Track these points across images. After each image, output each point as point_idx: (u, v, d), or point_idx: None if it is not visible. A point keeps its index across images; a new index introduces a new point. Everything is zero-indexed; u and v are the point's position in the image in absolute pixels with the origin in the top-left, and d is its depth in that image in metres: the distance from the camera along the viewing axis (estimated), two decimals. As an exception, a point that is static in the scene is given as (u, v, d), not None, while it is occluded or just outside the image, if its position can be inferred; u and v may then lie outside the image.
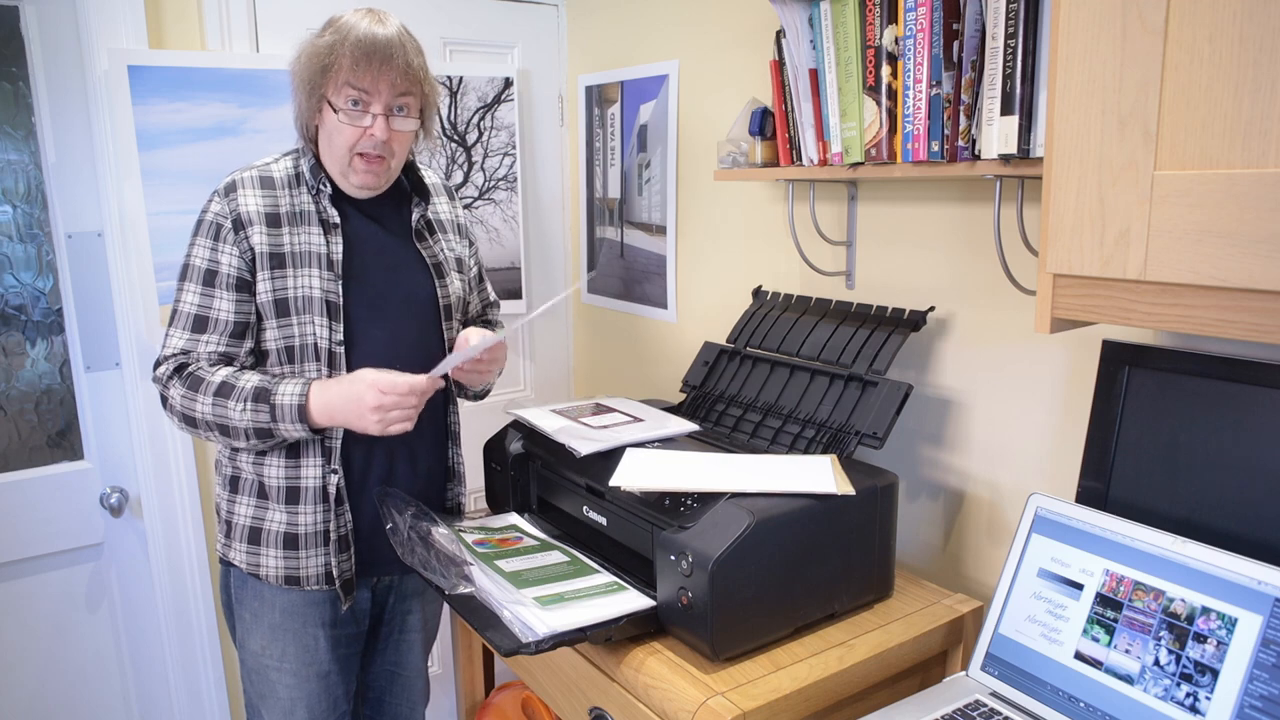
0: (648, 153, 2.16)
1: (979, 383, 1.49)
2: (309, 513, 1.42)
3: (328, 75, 1.33)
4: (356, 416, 1.32)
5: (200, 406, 1.33)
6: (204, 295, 1.36)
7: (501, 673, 1.95)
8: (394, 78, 1.34)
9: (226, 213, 1.36)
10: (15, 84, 1.80)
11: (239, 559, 1.45)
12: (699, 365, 1.78)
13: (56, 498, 1.90)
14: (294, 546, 1.42)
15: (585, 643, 1.24)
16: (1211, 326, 0.85)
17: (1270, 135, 0.78)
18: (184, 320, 1.37)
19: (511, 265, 2.36)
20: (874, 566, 1.36)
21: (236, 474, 1.45)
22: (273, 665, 1.48)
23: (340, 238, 1.41)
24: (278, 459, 1.41)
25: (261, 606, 1.46)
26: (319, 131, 1.40)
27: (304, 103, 1.38)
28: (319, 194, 1.41)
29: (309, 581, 1.44)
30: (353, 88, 1.33)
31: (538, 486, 1.65)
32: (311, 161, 1.42)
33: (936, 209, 1.51)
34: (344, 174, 1.40)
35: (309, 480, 1.41)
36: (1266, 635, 0.95)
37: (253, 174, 1.39)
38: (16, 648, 1.91)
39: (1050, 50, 0.94)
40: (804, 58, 1.47)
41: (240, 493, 1.45)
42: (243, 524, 1.44)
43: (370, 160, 1.38)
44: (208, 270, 1.36)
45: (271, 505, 1.43)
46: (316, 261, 1.38)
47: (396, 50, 1.34)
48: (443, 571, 1.34)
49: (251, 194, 1.37)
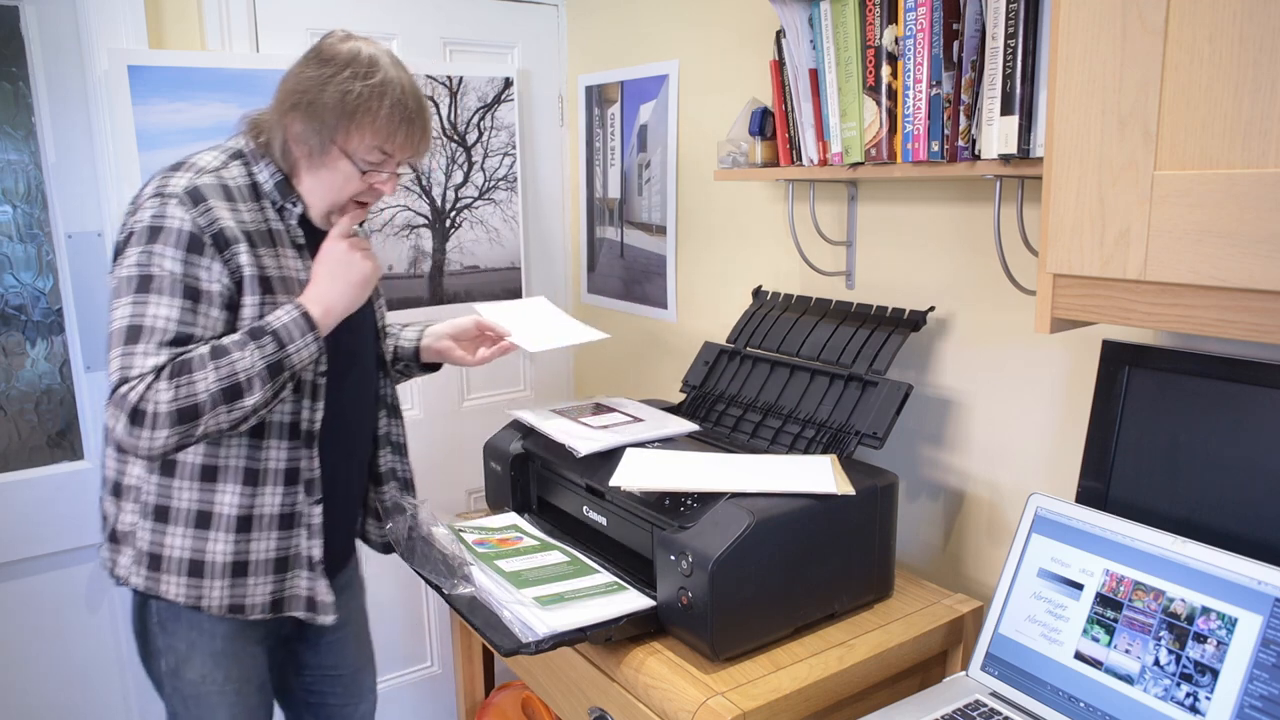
0: (648, 153, 2.16)
1: (979, 383, 1.49)
2: (263, 539, 1.33)
3: (357, 128, 1.25)
4: (345, 268, 1.28)
5: (202, 383, 1.17)
6: (185, 310, 1.20)
7: (501, 673, 1.95)
8: (427, 142, 1.32)
9: (202, 225, 1.21)
10: (15, 84, 1.80)
11: (174, 593, 1.32)
12: (699, 365, 1.78)
13: (56, 498, 1.90)
14: (243, 574, 1.33)
15: (585, 643, 1.24)
16: (1211, 326, 0.85)
17: (1270, 135, 0.78)
18: (159, 335, 1.19)
19: (511, 265, 2.36)
20: (874, 566, 1.36)
21: (164, 503, 1.31)
22: (215, 690, 1.39)
23: (310, 260, 1.33)
24: (232, 484, 1.30)
25: (200, 636, 1.37)
26: (304, 164, 1.30)
27: (299, 132, 1.26)
28: (284, 211, 1.32)
29: (254, 610, 1.35)
30: (382, 151, 1.28)
31: (538, 486, 1.65)
32: (277, 175, 1.31)
33: (936, 209, 1.51)
34: (329, 213, 1.34)
35: (266, 508, 1.32)
36: (1266, 635, 0.95)
37: (212, 181, 1.25)
38: (16, 648, 1.91)
39: (1050, 50, 0.94)
40: (804, 58, 1.47)
41: (172, 523, 1.31)
42: (179, 556, 1.31)
43: (363, 207, 1.35)
44: (185, 284, 1.20)
45: (214, 535, 1.31)
46: (299, 288, 1.31)
47: (428, 114, 1.31)
48: (443, 571, 1.34)
49: (223, 206, 1.24)
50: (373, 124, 1.25)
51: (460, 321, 1.60)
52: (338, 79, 1.24)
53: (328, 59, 1.26)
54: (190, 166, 1.27)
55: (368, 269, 1.29)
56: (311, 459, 1.35)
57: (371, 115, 1.24)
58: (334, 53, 1.26)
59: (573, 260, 2.50)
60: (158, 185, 1.25)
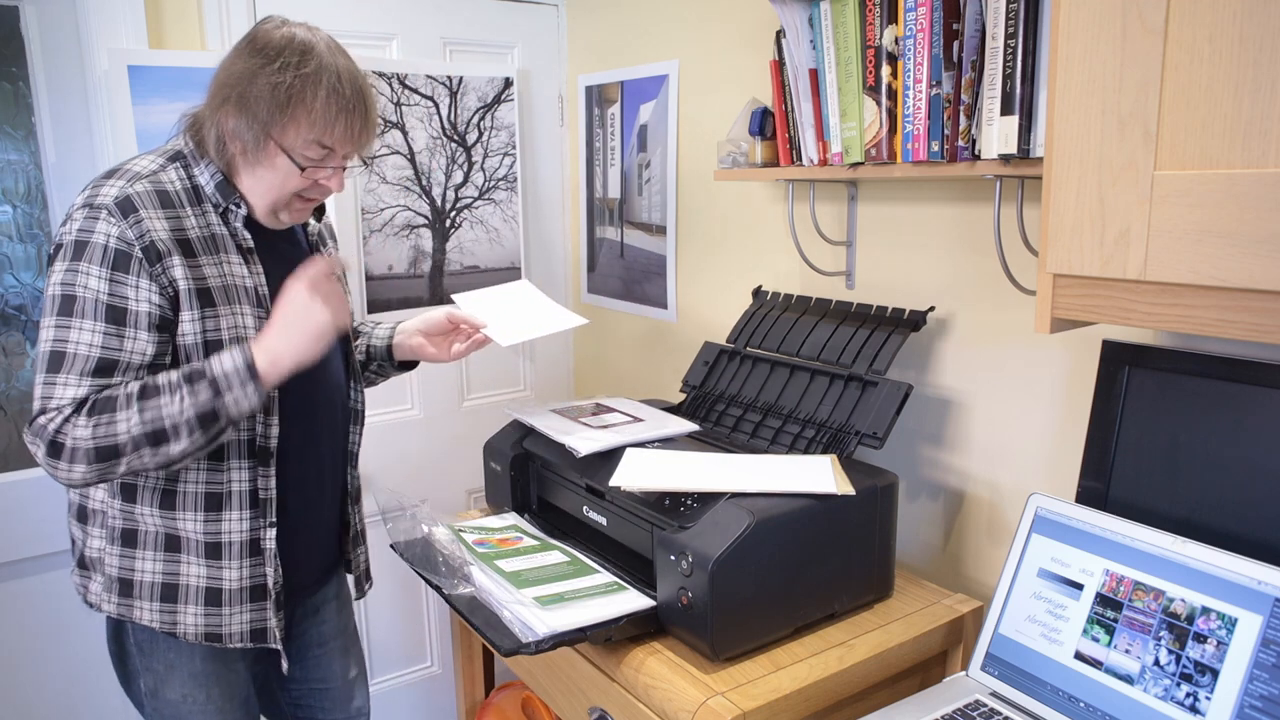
0: (648, 153, 2.16)
1: (979, 383, 1.49)
2: (233, 568, 1.28)
3: (289, 121, 1.17)
4: (303, 316, 1.16)
5: (123, 424, 1.11)
6: (109, 334, 1.14)
7: (501, 673, 1.95)
8: (369, 133, 1.23)
9: (131, 239, 1.13)
10: (15, 84, 1.80)
11: (148, 618, 1.28)
12: (699, 365, 1.78)
13: (56, 498, 1.90)
14: (217, 603, 1.28)
15: (585, 643, 1.24)
16: (1211, 326, 0.85)
17: (1270, 135, 0.78)
18: (80, 364, 1.13)
19: (511, 265, 2.36)
20: (874, 566, 1.36)
21: (131, 527, 1.26)
22: (197, 710, 1.36)
23: (259, 265, 1.26)
24: (194, 511, 1.25)
25: (179, 658, 1.32)
26: (240, 161, 1.23)
27: (233, 128, 1.19)
28: (228, 214, 1.24)
29: (232, 639, 1.30)
30: (321, 145, 1.20)
31: (538, 486, 1.65)
32: (218, 176, 1.23)
33: (936, 209, 1.51)
34: (274, 211, 1.27)
35: (233, 535, 1.27)
36: (1266, 635, 0.95)
37: (146, 189, 1.17)
38: (16, 648, 1.91)
39: (1050, 50, 0.94)
40: (804, 58, 1.47)
41: (141, 547, 1.26)
42: (150, 581, 1.27)
43: (308, 203, 1.28)
44: (110, 305, 1.13)
45: (186, 559, 1.27)
46: (245, 296, 1.24)
47: (369, 102, 1.22)
48: (443, 571, 1.34)
49: (155, 215, 1.16)
50: (308, 116, 1.17)
51: (430, 315, 1.54)
52: (268, 70, 1.16)
53: (260, 49, 1.18)
54: (124, 174, 1.19)
55: (324, 320, 1.17)
56: (267, 478, 1.29)
57: (305, 108, 1.16)
58: (266, 41, 1.18)
59: (573, 260, 2.50)
60: (88, 195, 1.18)
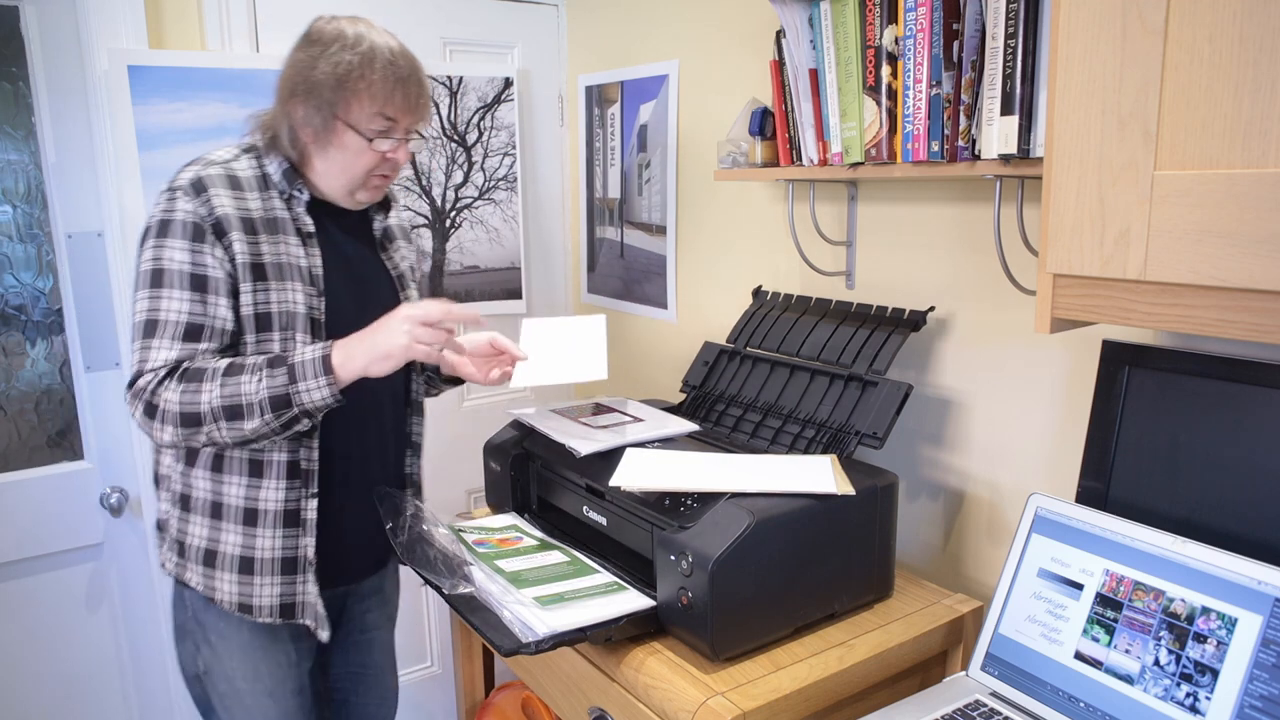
0: (648, 153, 2.16)
1: (979, 383, 1.49)
2: (267, 536, 1.33)
3: (352, 97, 1.26)
4: (385, 332, 1.24)
5: (206, 394, 1.22)
6: (195, 301, 1.25)
7: (501, 673, 1.95)
8: (425, 101, 1.32)
9: (204, 214, 1.25)
10: (15, 84, 1.80)
11: (196, 581, 1.36)
12: (699, 365, 1.78)
13: (56, 498, 1.90)
14: (249, 571, 1.34)
15: (585, 643, 1.24)
16: (1211, 326, 0.85)
17: (1270, 135, 0.78)
18: (172, 329, 1.24)
19: (511, 265, 2.36)
20: (874, 566, 1.36)
21: (187, 492, 1.35)
22: (248, 689, 1.40)
23: (317, 248, 1.34)
24: (238, 476, 1.32)
25: (229, 628, 1.38)
26: (313, 147, 1.32)
27: (302, 116, 1.29)
28: (292, 200, 1.33)
29: (261, 612, 1.35)
30: (385, 116, 1.29)
31: (538, 486, 1.65)
32: (284, 165, 1.33)
33: (936, 209, 1.51)
34: (351, 192, 1.35)
35: (269, 503, 1.33)
36: (1266, 635, 0.95)
37: (218, 171, 1.29)
38: (16, 648, 1.91)
39: (1050, 50, 0.94)
40: (804, 58, 1.47)
41: (193, 511, 1.35)
42: (197, 545, 1.35)
43: (383, 179, 1.36)
44: (194, 275, 1.25)
45: (225, 526, 1.34)
46: (298, 274, 1.31)
47: (422, 74, 1.31)
48: (443, 571, 1.34)
49: (224, 194, 1.27)
50: (368, 89, 1.26)
51: (476, 337, 1.55)
52: (327, 54, 1.26)
53: (315, 40, 1.29)
54: (201, 161, 1.32)
55: (398, 345, 1.24)
56: (311, 449, 1.34)
57: (366, 81, 1.26)
58: (320, 33, 1.29)
59: (573, 260, 2.50)
60: (171, 181, 1.30)
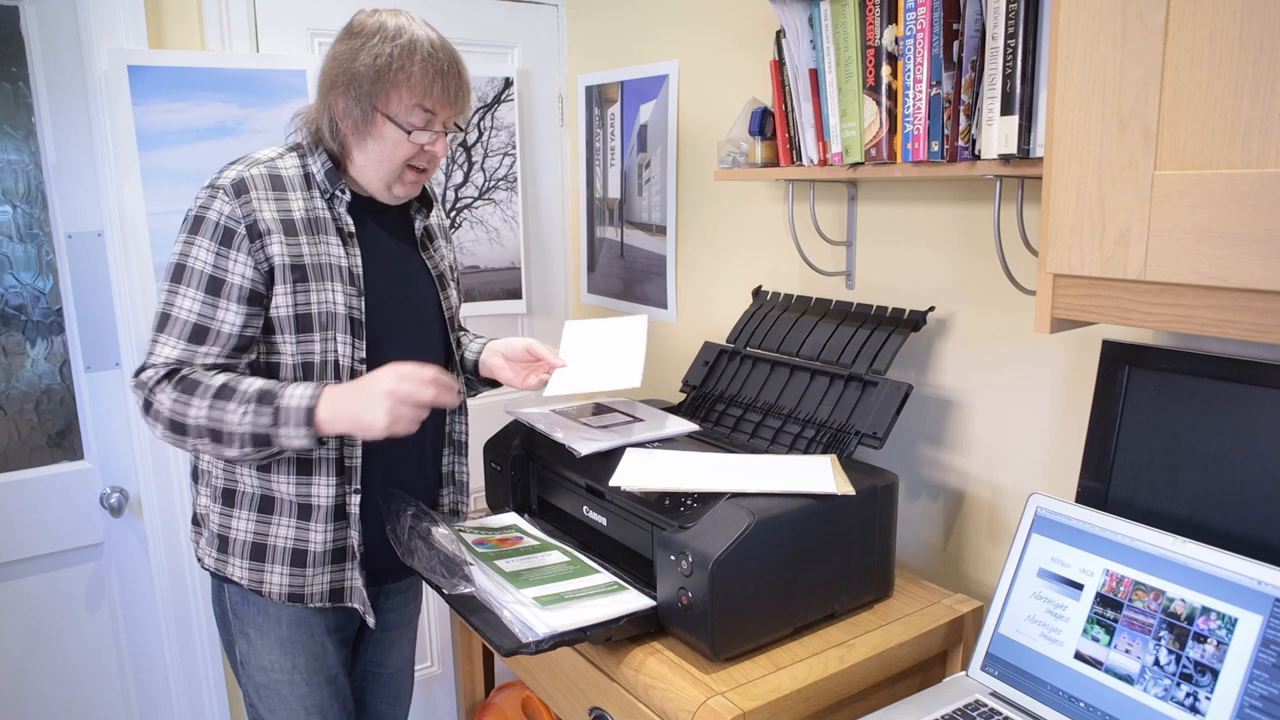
0: (648, 153, 2.16)
1: (979, 383, 1.49)
2: (320, 530, 1.36)
3: (391, 89, 1.27)
4: (367, 405, 1.22)
5: (194, 411, 1.23)
6: (206, 304, 1.26)
7: (501, 673, 1.95)
8: (465, 94, 1.32)
9: (239, 217, 1.26)
10: (15, 84, 1.80)
11: (239, 575, 1.39)
12: (699, 365, 1.78)
13: (56, 498, 1.90)
14: (301, 564, 1.37)
15: (585, 643, 1.24)
16: (1211, 326, 0.85)
17: (1270, 135, 0.78)
18: (179, 328, 1.27)
19: (511, 265, 2.36)
20: (874, 566, 1.36)
21: (231, 487, 1.37)
22: (284, 679, 1.43)
23: (358, 248, 1.35)
24: (287, 474, 1.34)
25: (267, 621, 1.41)
26: (352, 139, 1.33)
27: (343, 108, 1.29)
28: (333, 200, 1.34)
29: (313, 599, 1.39)
30: (424, 109, 1.29)
31: (538, 486, 1.65)
32: (328, 164, 1.34)
33: (936, 209, 1.51)
34: (388, 185, 1.35)
35: (321, 499, 1.36)
36: (1266, 635, 0.95)
37: (261, 172, 1.30)
38: (16, 648, 1.91)
39: (1050, 50, 0.94)
40: (804, 58, 1.47)
41: (238, 506, 1.37)
42: (243, 539, 1.37)
43: (420, 173, 1.36)
44: (212, 277, 1.26)
45: (278, 520, 1.36)
46: (338, 275, 1.32)
47: (462, 67, 1.31)
48: (443, 571, 1.34)
49: (265, 196, 1.29)
50: (408, 81, 1.26)
51: (513, 341, 1.56)
52: (368, 47, 1.27)
53: (356, 33, 1.29)
54: (245, 160, 1.33)
55: (377, 425, 1.22)
56: (352, 446, 1.37)
57: (405, 73, 1.26)
58: (361, 26, 1.29)
59: (573, 260, 2.50)
60: (214, 177, 1.32)
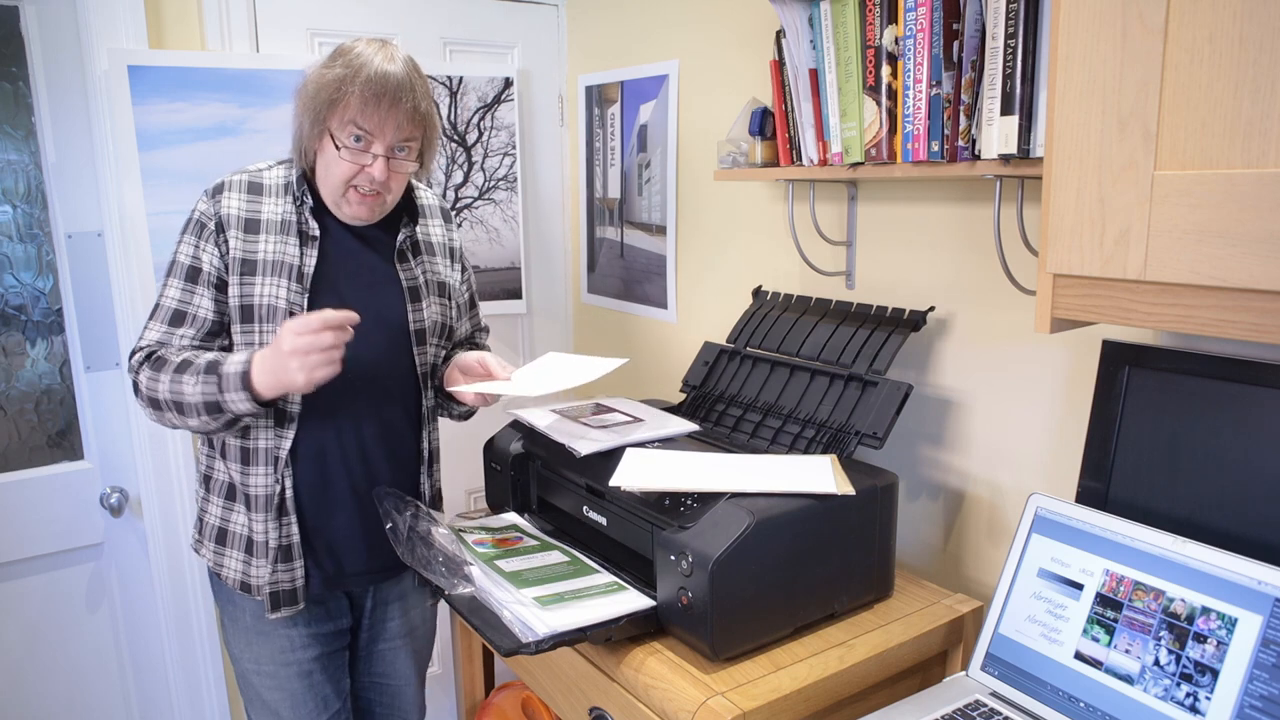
0: (648, 153, 2.16)
1: (979, 383, 1.49)
2: (260, 520, 1.41)
3: (334, 109, 1.32)
4: (281, 368, 1.26)
5: (162, 386, 1.32)
6: (185, 291, 1.37)
7: (501, 673, 1.95)
8: (400, 121, 1.32)
9: (211, 213, 1.37)
10: (15, 84, 1.80)
11: (209, 559, 1.47)
12: (699, 365, 1.78)
13: (56, 498, 1.90)
14: (250, 552, 1.42)
15: (585, 643, 1.24)
16: (1211, 326, 0.85)
17: (1270, 135, 0.78)
18: (163, 314, 1.38)
19: (511, 265, 2.36)
20: (874, 566, 1.36)
21: (209, 473, 1.46)
22: (253, 669, 1.47)
23: (316, 251, 1.40)
24: (236, 464, 1.41)
25: (235, 609, 1.46)
26: (317, 157, 1.39)
27: (306, 129, 1.37)
28: (301, 204, 1.40)
29: (259, 591, 1.42)
30: (357, 126, 1.32)
31: (538, 486, 1.65)
32: (297, 172, 1.41)
33: (936, 209, 1.51)
34: (336, 204, 1.40)
35: (257, 489, 1.41)
36: (1266, 635, 0.95)
37: (243, 178, 1.40)
38: (16, 648, 1.91)
39: (1050, 50, 0.94)
40: (804, 58, 1.47)
41: (212, 492, 1.46)
42: (213, 524, 1.46)
43: (365, 195, 1.37)
44: (191, 267, 1.37)
45: (237, 507, 1.43)
46: (286, 272, 1.38)
47: (405, 93, 1.32)
48: (443, 571, 1.34)
49: (236, 197, 1.38)
50: (344, 100, 1.30)
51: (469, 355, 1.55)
52: (326, 67, 1.34)
53: (333, 56, 1.36)
54: (238, 170, 1.43)
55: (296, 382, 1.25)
56: (281, 438, 1.40)
57: (343, 92, 1.30)
58: (339, 50, 1.36)
59: (573, 260, 2.50)
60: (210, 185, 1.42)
